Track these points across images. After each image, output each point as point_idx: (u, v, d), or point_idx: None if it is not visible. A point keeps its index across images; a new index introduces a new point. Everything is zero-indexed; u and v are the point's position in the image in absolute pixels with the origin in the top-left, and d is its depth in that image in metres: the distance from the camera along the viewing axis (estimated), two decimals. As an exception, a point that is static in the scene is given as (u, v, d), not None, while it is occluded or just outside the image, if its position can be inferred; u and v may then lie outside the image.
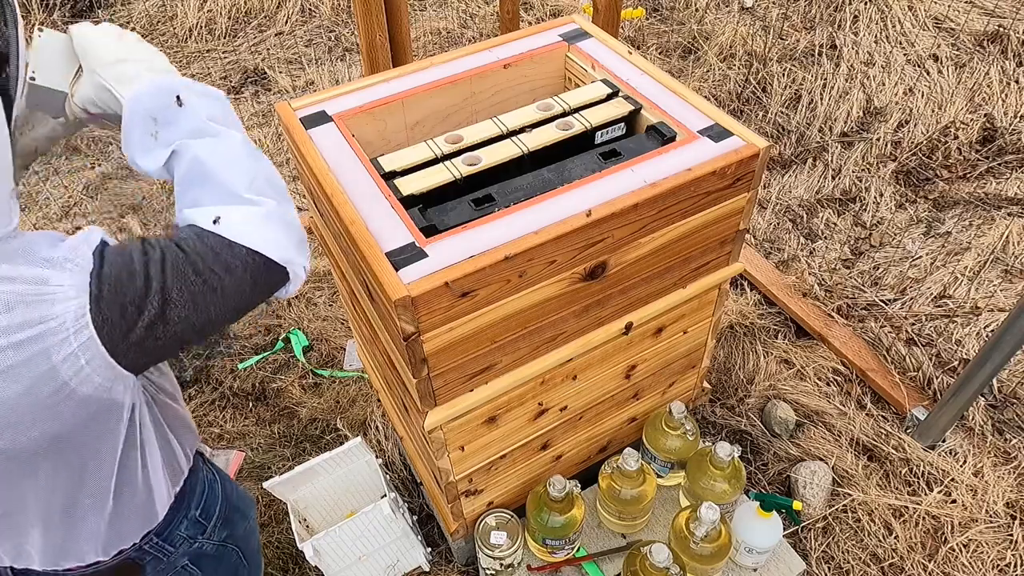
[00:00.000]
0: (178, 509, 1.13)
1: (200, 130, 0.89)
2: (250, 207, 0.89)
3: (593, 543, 1.77)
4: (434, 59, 1.58)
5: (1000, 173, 3.04)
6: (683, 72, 3.70)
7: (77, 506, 0.96)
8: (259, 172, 0.91)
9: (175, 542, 1.15)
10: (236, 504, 1.31)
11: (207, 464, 1.27)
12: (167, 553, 1.15)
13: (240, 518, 1.33)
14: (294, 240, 0.92)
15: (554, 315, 1.33)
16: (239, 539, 1.32)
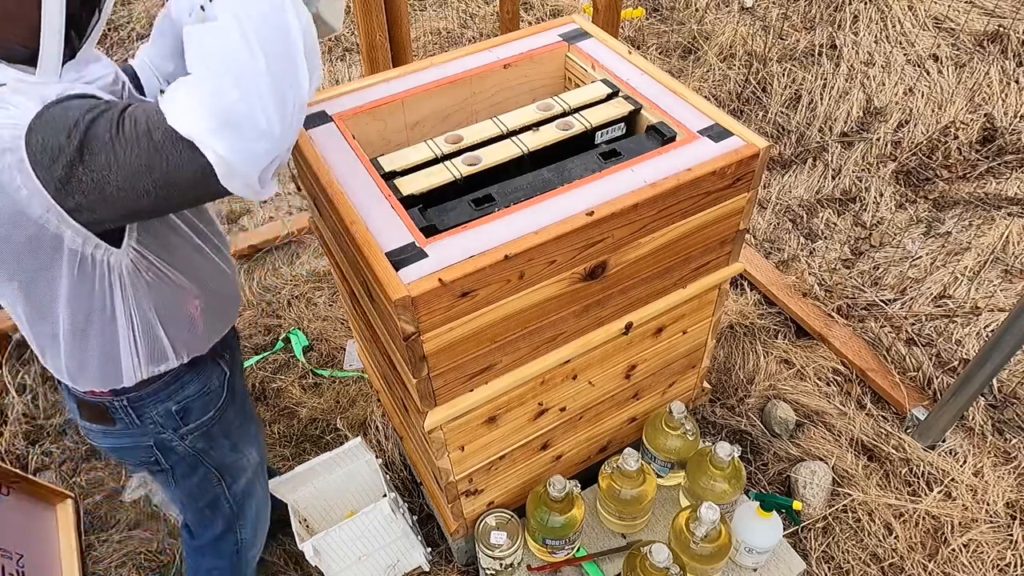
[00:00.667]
0: (156, 391, 1.23)
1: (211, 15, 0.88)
2: (189, 80, 0.86)
3: (593, 543, 1.77)
4: (434, 59, 1.58)
5: (1000, 173, 3.04)
6: (683, 72, 3.70)
7: (34, 324, 1.09)
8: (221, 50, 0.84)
9: (143, 418, 1.25)
10: (232, 435, 1.39)
11: (228, 389, 1.36)
12: (134, 423, 1.25)
13: (229, 448, 1.40)
14: (213, 114, 0.83)
15: (554, 315, 1.33)
16: (219, 463, 1.40)
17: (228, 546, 1.57)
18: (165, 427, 1.28)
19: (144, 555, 2.08)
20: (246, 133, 0.84)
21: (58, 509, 2.08)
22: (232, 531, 1.55)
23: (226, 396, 1.36)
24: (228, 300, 1.32)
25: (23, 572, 1.81)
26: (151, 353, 1.19)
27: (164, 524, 2.14)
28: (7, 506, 1.90)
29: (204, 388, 1.30)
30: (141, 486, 2.20)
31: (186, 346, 1.23)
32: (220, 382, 1.34)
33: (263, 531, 1.65)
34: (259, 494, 1.57)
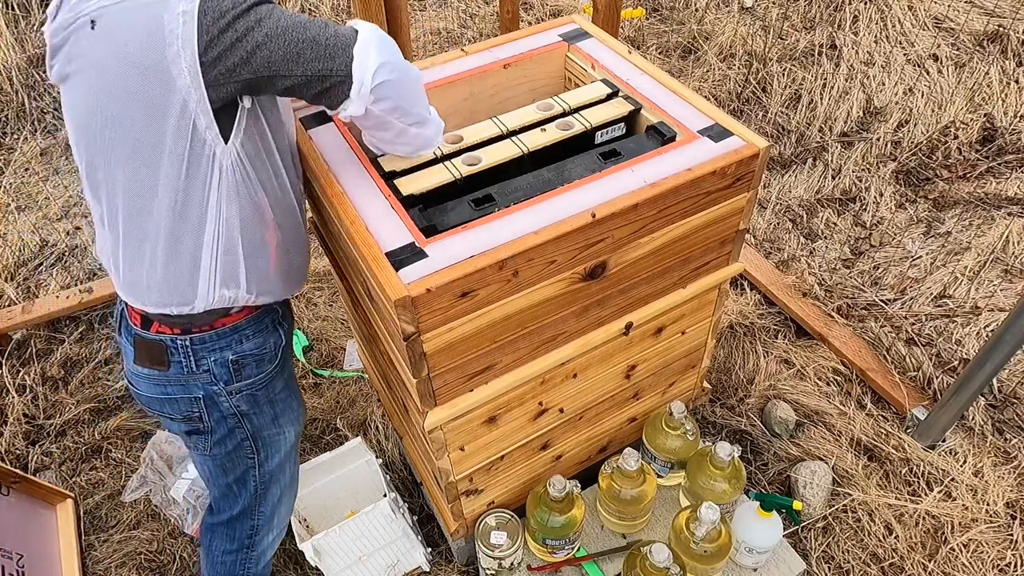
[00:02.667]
0: (218, 337, 1.28)
1: None
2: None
3: (593, 543, 1.77)
4: (434, 59, 1.58)
5: (1000, 173, 3.04)
6: (683, 72, 3.70)
7: (132, 218, 1.15)
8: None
9: (200, 364, 1.29)
10: (277, 406, 1.42)
11: (282, 357, 1.40)
12: (190, 368, 1.29)
13: (270, 419, 1.42)
14: (380, 58, 1.12)
15: (554, 315, 1.33)
16: (257, 432, 1.42)
17: (243, 529, 1.56)
18: (218, 378, 1.30)
19: (144, 555, 2.08)
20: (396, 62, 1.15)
21: (58, 509, 2.08)
22: (250, 515, 1.53)
23: (279, 363, 1.39)
24: (298, 254, 1.36)
25: (23, 572, 1.81)
26: (226, 274, 1.22)
27: (164, 525, 2.14)
28: (7, 506, 1.90)
29: (261, 347, 1.34)
30: (141, 486, 2.20)
31: (256, 282, 1.27)
32: (276, 348, 1.37)
33: (280, 523, 1.61)
34: (286, 480, 1.55)
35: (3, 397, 2.44)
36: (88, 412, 2.42)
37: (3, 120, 3.61)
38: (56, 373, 2.53)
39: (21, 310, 2.62)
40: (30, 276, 2.87)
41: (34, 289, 2.81)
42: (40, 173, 3.36)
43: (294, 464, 1.58)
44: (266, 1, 1.06)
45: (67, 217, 3.14)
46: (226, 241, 1.19)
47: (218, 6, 1.00)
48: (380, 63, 1.12)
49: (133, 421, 2.39)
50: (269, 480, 1.50)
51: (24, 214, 3.15)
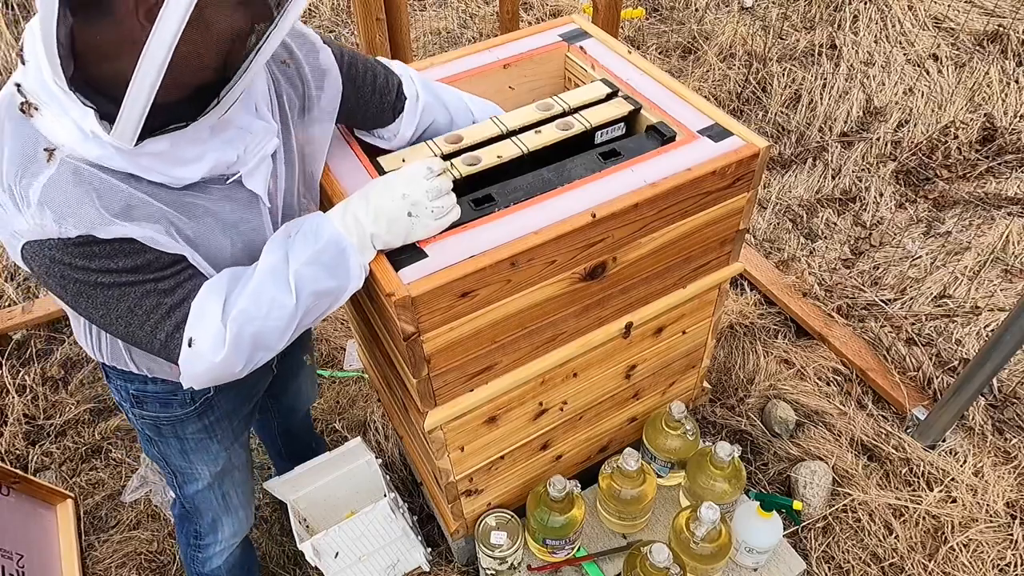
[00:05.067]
0: (122, 370, 1.24)
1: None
2: (224, 322, 0.98)
3: (593, 543, 1.77)
4: (434, 59, 1.58)
5: (1000, 173, 3.04)
6: (683, 72, 3.70)
7: None
8: (268, 322, 1.00)
9: (110, 378, 1.30)
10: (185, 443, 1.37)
11: (204, 405, 1.32)
12: (105, 377, 1.31)
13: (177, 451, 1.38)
14: (213, 378, 1.01)
15: (554, 315, 1.33)
16: (166, 458, 1.39)
17: (188, 529, 1.58)
18: (124, 399, 1.30)
19: (144, 555, 2.08)
20: (218, 383, 1.03)
21: (58, 509, 2.08)
22: (191, 519, 1.54)
23: (195, 410, 1.31)
24: None
25: (23, 572, 1.81)
26: (114, 356, 1.20)
27: (164, 524, 2.14)
28: (7, 506, 1.90)
29: (168, 393, 1.27)
30: (141, 486, 2.20)
31: (152, 370, 1.22)
32: (193, 397, 1.29)
33: (227, 541, 1.58)
34: (218, 508, 1.50)
35: (3, 397, 2.44)
36: (88, 412, 2.42)
37: (3, 120, 3.61)
38: (56, 373, 2.53)
39: (21, 310, 2.62)
40: (30, 276, 2.87)
41: (34, 289, 2.81)
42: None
43: (230, 495, 1.51)
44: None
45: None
46: (109, 339, 1.17)
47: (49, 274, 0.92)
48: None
49: (133, 421, 2.39)
50: (194, 503, 1.47)
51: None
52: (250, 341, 0.97)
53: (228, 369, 0.99)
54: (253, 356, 1.00)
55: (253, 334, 0.97)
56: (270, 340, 1.00)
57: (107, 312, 0.94)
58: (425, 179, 1.09)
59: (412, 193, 1.07)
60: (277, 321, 0.98)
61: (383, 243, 1.08)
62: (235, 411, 1.40)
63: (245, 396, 1.42)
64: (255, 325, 0.97)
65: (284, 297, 0.98)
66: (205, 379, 1.00)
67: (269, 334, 0.99)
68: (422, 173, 1.09)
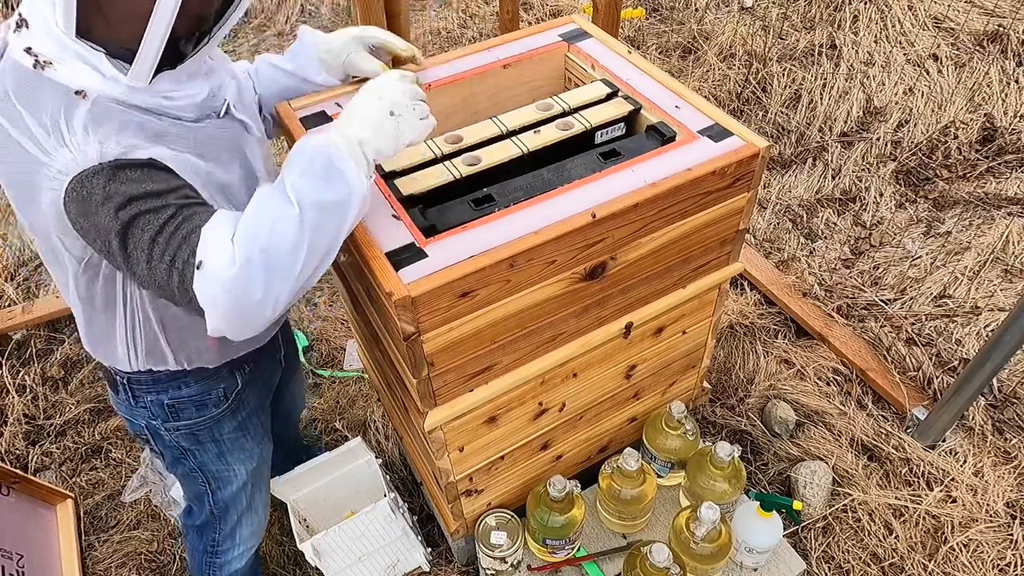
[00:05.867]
0: (151, 382, 1.29)
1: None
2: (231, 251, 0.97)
3: (593, 543, 1.77)
4: (434, 59, 1.58)
5: (1000, 173, 3.04)
6: (683, 72, 3.70)
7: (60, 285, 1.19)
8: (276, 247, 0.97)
9: (138, 400, 1.32)
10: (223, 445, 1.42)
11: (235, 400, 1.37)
12: (129, 400, 1.33)
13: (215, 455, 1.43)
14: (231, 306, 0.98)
15: (554, 315, 1.33)
16: (203, 466, 1.44)
17: (207, 538, 1.62)
18: (155, 416, 1.33)
19: (144, 555, 2.08)
20: (248, 327, 1.00)
21: (58, 509, 2.08)
22: (211, 528, 1.59)
23: (228, 407, 1.38)
24: None
25: (23, 572, 1.81)
26: (150, 351, 1.24)
27: (164, 524, 2.14)
28: (7, 506, 1.90)
29: (204, 393, 1.33)
30: (141, 486, 2.20)
31: (190, 357, 1.28)
32: (226, 393, 1.36)
33: (245, 542, 1.64)
34: (243, 507, 1.56)
35: (3, 397, 2.44)
36: (88, 412, 2.42)
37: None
38: (56, 373, 2.53)
39: (21, 310, 2.62)
40: (30, 276, 2.87)
41: (34, 289, 2.81)
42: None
43: (256, 493, 1.58)
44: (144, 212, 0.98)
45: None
46: (144, 328, 1.21)
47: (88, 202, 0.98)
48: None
49: (133, 421, 2.39)
50: (225, 507, 1.54)
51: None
52: (261, 259, 0.95)
53: (244, 291, 0.95)
54: (271, 282, 0.96)
55: (263, 250, 0.95)
56: (282, 259, 0.97)
57: (135, 245, 0.98)
58: (399, 81, 1.10)
59: (389, 94, 1.07)
60: (284, 234, 0.97)
61: (375, 150, 1.05)
62: (261, 405, 1.48)
63: (266, 391, 1.50)
64: (262, 240, 0.96)
65: (285, 208, 0.98)
66: (223, 303, 0.96)
67: (279, 251, 0.96)
68: (395, 76, 1.10)
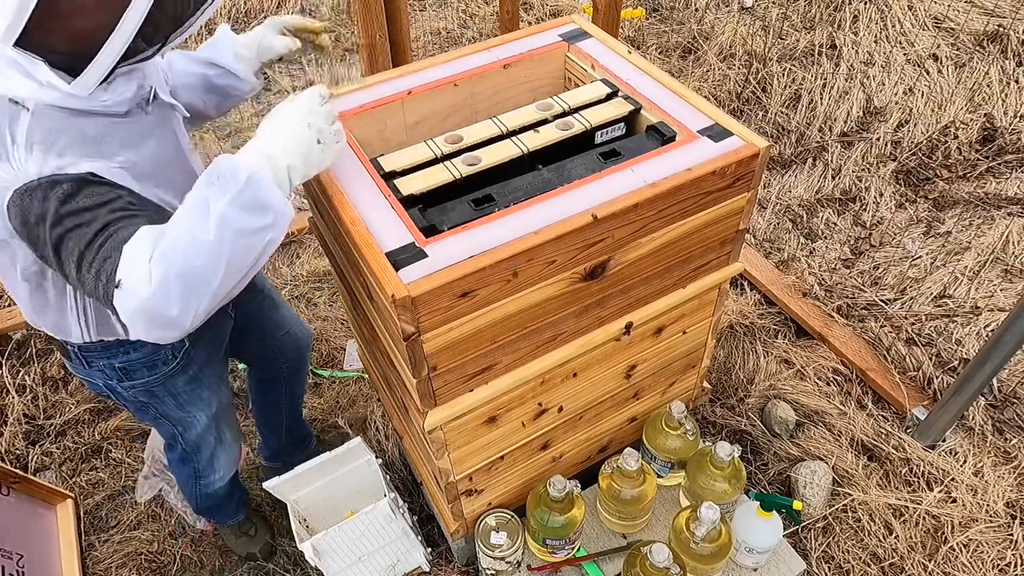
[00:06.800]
0: (101, 349, 1.36)
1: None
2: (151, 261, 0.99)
3: (593, 543, 1.77)
4: (434, 59, 1.58)
5: (1000, 173, 3.04)
6: (683, 72, 3.70)
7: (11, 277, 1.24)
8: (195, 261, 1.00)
9: (92, 365, 1.39)
10: (179, 397, 1.51)
11: (183, 358, 1.44)
12: (83, 365, 1.40)
13: (174, 406, 1.52)
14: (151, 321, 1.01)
15: (554, 315, 1.33)
16: (165, 415, 1.54)
17: (188, 468, 1.75)
18: (111, 377, 1.41)
19: (144, 555, 2.08)
20: (167, 335, 1.03)
21: (58, 509, 2.08)
22: (190, 461, 1.72)
23: (178, 365, 1.45)
24: None
25: (23, 572, 1.81)
26: (100, 325, 1.31)
27: (164, 525, 2.14)
28: (7, 506, 1.90)
29: (152, 355, 1.40)
30: (152, 485, 2.20)
31: None
32: (174, 353, 1.43)
33: (223, 469, 1.77)
34: (213, 442, 1.67)
35: (3, 397, 2.44)
36: (88, 412, 2.42)
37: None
38: (56, 373, 2.53)
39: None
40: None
41: (34, 289, 2.81)
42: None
43: (223, 431, 1.69)
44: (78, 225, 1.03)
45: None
46: (94, 309, 1.27)
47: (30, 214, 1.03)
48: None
49: (133, 421, 2.39)
50: (196, 446, 1.65)
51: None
52: (177, 280, 0.98)
53: (160, 308, 0.99)
54: (187, 299, 1.00)
55: (179, 273, 0.98)
56: (199, 280, 1.00)
57: (66, 256, 1.03)
58: (321, 106, 1.12)
59: (315, 121, 1.11)
60: (201, 256, 0.99)
61: (301, 176, 1.10)
62: (211, 359, 1.55)
63: (216, 344, 1.57)
64: (177, 263, 0.98)
65: (205, 232, 1.00)
66: (140, 319, 1.00)
67: (195, 273, 0.99)
68: (317, 101, 1.12)
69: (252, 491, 2.20)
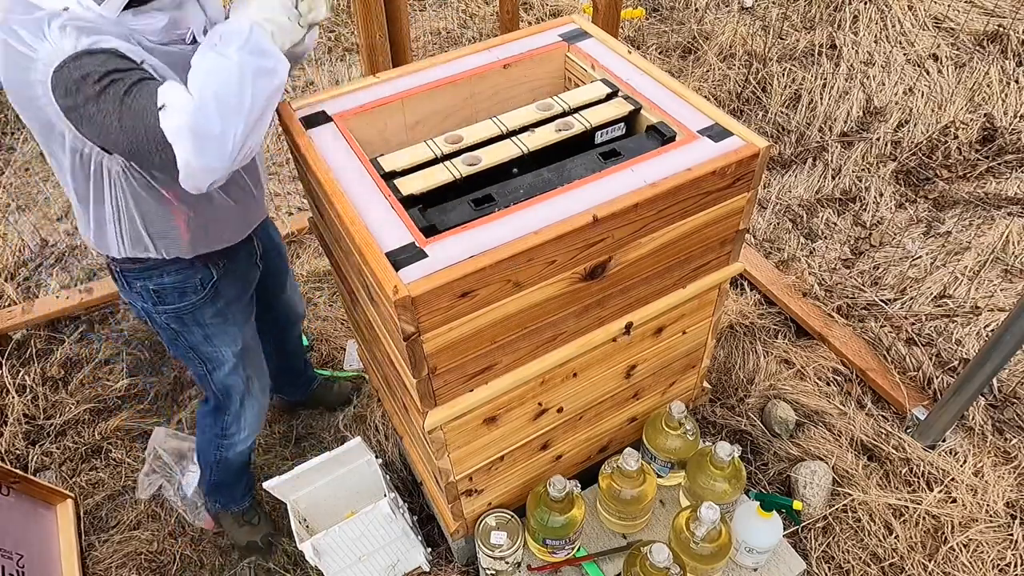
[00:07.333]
0: (137, 271, 1.48)
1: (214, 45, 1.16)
2: (189, 99, 1.11)
3: (593, 543, 1.77)
4: (434, 59, 1.58)
5: (1000, 173, 3.04)
6: (683, 72, 3.70)
7: (60, 179, 1.35)
8: (223, 89, 1.12)
9: (131, 285, 1.51)
10: (207, 329, 1.60)
11: (212, 290, 1.54)
12: (125, 286, 1.53)
13: (202, 338, 1.61)
14: (197, 136, 1.11)
15: (554, 315, 1.33)
16: (194, 347, 1.63)
17: (218, 423, 1.82)
18: (146, 299, 1.53)
19: (144, 555, 2.08)
20: (213, 158, 1.12)
21: (58, 509, 2.08)
22: (222, 412, 1.79)
23: (206, 295, 1.55)
24: (223, 224, 1.49)
25: (23, 572, 1.81)
26: (133, 241, 1.41)
27: (164, 525, 2.14)
28: (7, 506, 1.90)
29: (182, 282, 1.51)
30: (153, 482, 2.20)
31: (167, 247, 1.44)
32: (203, 282, 1.53)
33: (249, 427, 1.84)
34: (241, 389, 1.75)
35: (3, 397, 2.44)
36: (88, 412, 2.42)
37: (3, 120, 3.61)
38: (56, 373, 2.53)
39: (21, 310, 2.62)
40: (30, 276, 2.87)
41: (34, 289, 2.81)
42: (40, 173, 3.36)
43: (251, 380, 1.77)
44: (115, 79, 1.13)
45: (67, 217, 3.14)
46: (128, 220, 1.38)
47: (71, 82, 1.13)
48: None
49: (133, 421, 2.39)
50: (226, 389, 1.74)
51: (24, 214, 3.15)
52: (214, 100, 1.10)
53: (204, 123, 1.10)
54: (226, 118, 1.11)
55: (215, 94, 1.11)
56: (233, 103, 1.12)
57: (108, 105, 1.13)
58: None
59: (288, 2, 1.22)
60: (230, 86, 1.12)
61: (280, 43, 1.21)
62: (239, 297, 1.65)
63: (243, 281, 1.66)
64: (212, 87, 1.11)
65: (229, 63, 1.13)
66: (188, 135, 1.10)
67: (230, 96, 1.11)
68: None
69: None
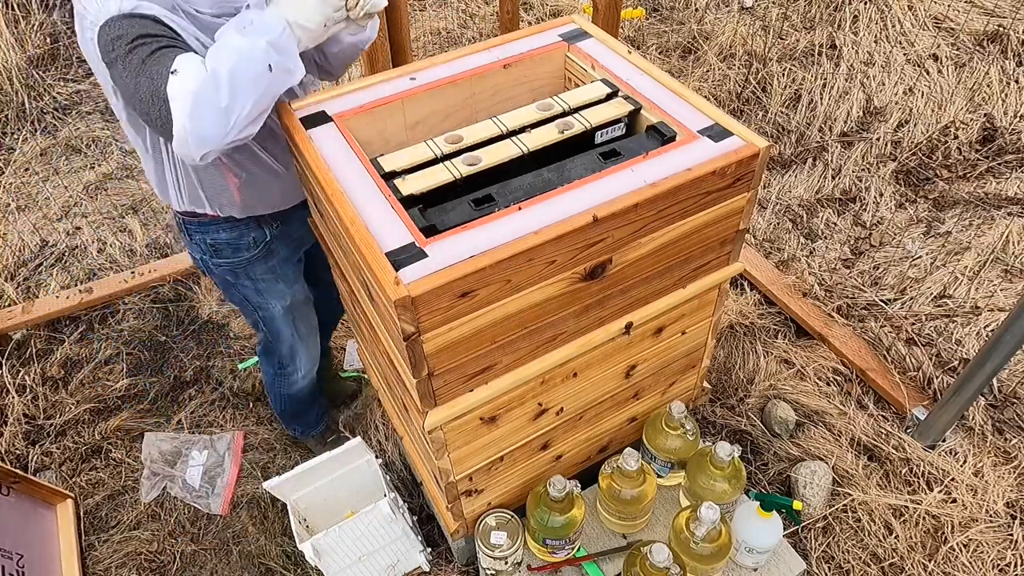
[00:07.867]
0: (196, 224, 1.59)
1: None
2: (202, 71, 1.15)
3: (593, 543, 1.77)
4: (434, 59, 1.58)
5: (1000, 173, 3.04)
6: (683, 72, 3.70)
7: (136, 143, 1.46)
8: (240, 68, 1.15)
9: (192, 237, 1.62)
10: (258, 283, 1.71)
11: (264, 248, 1.64)
12: (187, 236, 1.64)
13: (253, 291, 1.72)
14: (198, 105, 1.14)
15: (554, 315, 1.33)
16: (247, 297, 1.74)
17: (272, 360, 1.96)
18: (204, 251, 1.63)
19: (144, 555, 2.08)
20: (210, 126, 1.15)
21: (58, 509, 2.08)
22: (274, 351, 1.91)
23: (259, 252, 1.64)
24: (274, 188, 1.56)
25: (23, 572, 1.81)
26: (191, 197, 1.51)
27: (164, 525, 2.14)
28: (7, 506, 1.90)
29: (237, 239, 1.60)
30: (156, 483, 2.20)
31: (222, 206, 1.53)
32: (256, 241, 1.62)
33: (305, 366, 1.96)
34: (291, 337, 1.86)
35: (3, 397, 2.44)
36: (88, 412, 2.42)
37: (3, 120, 3.61)
38: (56, 373, 2.53)
39: (21, 310, 2.62)
40: (30, 276, 2.87)
41: (34, 289, 2.81)
42: (40, 173, 3.36)
43: (300, 325, 1.87)
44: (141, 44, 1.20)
45: (67, 217, 3.14)
46: (185, 179, 1.47)
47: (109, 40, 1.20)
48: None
49: (133, 421, 2.39)
50: (277, 332, 1.84)
51: (24, 214, 3.15)
52: (228, 76, 1.14)
53: (211, 94, 1.13)
54: (235, 94, 1.14)
55: (230, 71, 1.14)
56: (246, 83, 1.15)
57: (132, 65, 1.18)
58: None
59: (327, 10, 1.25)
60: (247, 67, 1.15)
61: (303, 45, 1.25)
62: (289, 259, 1.74)
63: (296, 243, 1.74)
64: (229, 64, 1.14)
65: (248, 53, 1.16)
66: (190, 99, 1.13)
67: (244, 75, 1.15)
68: None
69: (253, 490, 2.20)
